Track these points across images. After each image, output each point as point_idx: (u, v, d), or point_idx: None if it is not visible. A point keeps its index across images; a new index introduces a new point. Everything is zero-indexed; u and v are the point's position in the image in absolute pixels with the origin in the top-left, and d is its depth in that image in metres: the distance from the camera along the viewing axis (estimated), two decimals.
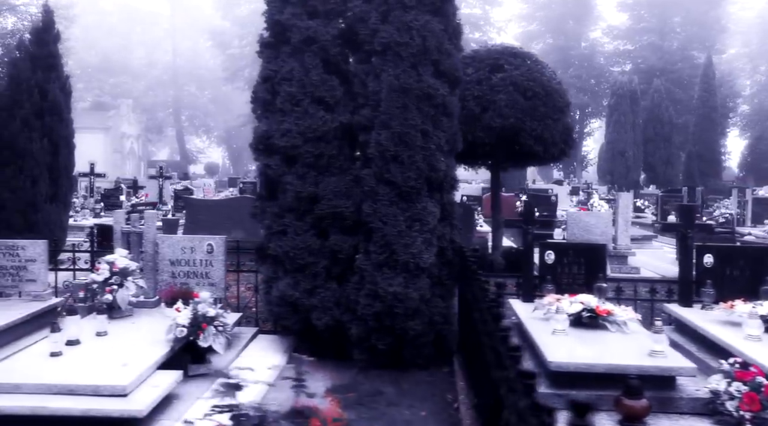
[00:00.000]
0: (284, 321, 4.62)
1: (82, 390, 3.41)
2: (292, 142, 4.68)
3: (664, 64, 35.22)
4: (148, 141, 47.18)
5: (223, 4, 39.97)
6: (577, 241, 7.45)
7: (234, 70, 38.13)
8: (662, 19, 37.54)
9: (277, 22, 4.83)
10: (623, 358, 3.30)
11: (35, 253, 4.99)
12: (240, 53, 37.96)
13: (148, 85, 47.12)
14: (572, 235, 7.47)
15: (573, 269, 4.67)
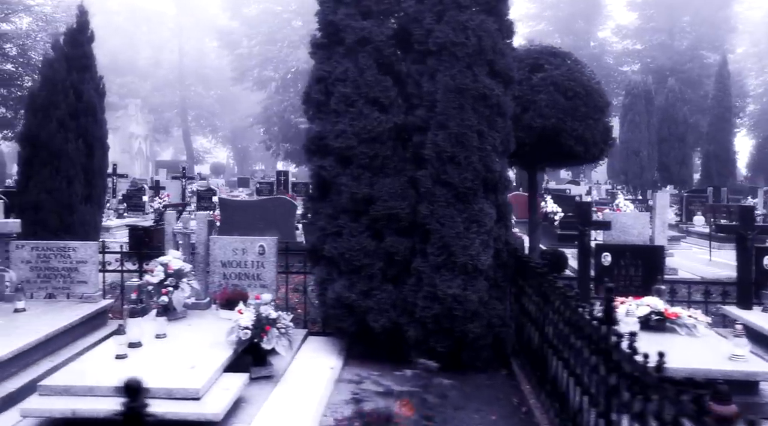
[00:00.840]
0: (340, 323, 4.59)
1: (155, 393, 3.38)
2: (347, 143, 4.66)
3: (673, 63, 35.08)
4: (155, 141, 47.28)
5: (232, 5, 39.94)
6: (613, 242, 7.41)
7: (243, 70, 38.09)
8: (672, 19, 37.43)
9: (330, 22, 4.81)
10: (705, 363, 3.27)
11: (86, 255, 4.98)
12: (249, 53, 37.96)
13: (155, 85, 47.18)
14: (609, 236, 7.41)
15: (630, 271, 4.64)
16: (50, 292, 5.00)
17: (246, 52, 38.23)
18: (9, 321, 4.39)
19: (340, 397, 3.96)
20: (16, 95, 21.58)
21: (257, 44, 37.47)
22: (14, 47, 20.64)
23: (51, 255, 4.98)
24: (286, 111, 36.20)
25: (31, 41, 20.16)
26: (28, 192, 7.24)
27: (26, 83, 21.04)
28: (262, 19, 38.77)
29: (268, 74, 38.62)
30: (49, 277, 5.00)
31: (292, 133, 37.36)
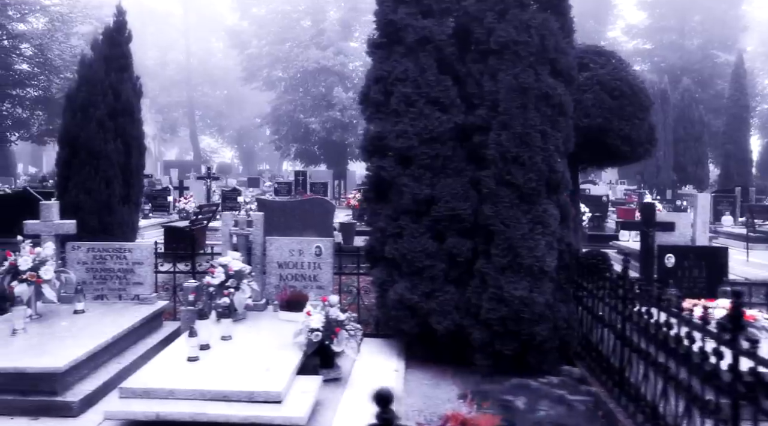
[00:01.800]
0: (402, 325, 4.55)
1: (236, 396, 3.36)
2: (408, 143, 4.62)
3: (684, 63, 34.95)
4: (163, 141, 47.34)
5: (241, 5, 39.96)
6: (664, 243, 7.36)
7: (252, 70, 38.08)
8: (682, 18, 37.31)
9: (390, 21, 4.76)
10: None
11: (142, 256, 4.95)
12: (258, 53, 37.94)
13: (162, 85, 47.23)
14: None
15: (693, 273, 4.58)
16: (105, 294, 4.98)
17: (256, 52, 38.22)
18: (72, 322, 4.36)
19: (414, 401, 3.91)
20: (32, 95, 21.64)
21: (267, 44, 37.45)
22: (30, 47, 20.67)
23: (107, 256, 4.95)
24: (296, 111, 36.20)
25: (47, 41, 20.16)
26: (68, 193, 7.22)
27: (41, 83, 21.10)
28: (271, 19, 38.76)
29: (277, 74, 38.64)
30: (104, 279, 4.97)
31: (301, 133, 37.40)
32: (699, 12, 37.38)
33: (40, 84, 20.92)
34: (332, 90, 34.76)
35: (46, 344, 3.88)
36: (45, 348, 3.81)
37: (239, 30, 39.53)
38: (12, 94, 21.58)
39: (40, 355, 3.68)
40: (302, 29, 38.23)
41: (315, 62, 33.75)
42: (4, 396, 3.46)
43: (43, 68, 20.38)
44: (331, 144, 36.14)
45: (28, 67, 21.28)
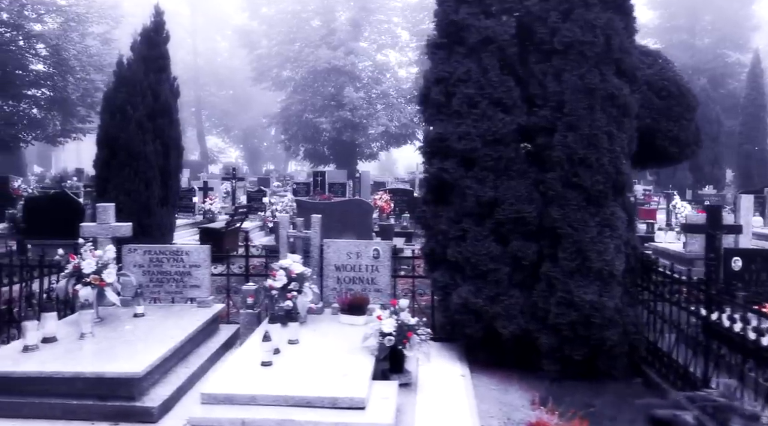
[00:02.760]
0: (466, 329, 4.50)
1: (319, 402, 3.31)
2: (471, 145, 4.57)
3: (696, 62, 34.74)
4: None
5: (251, 5, 39.95)
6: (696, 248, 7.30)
7: (262, 70, 38.06)
8: (693, 17, 37.14)
9: (451, 22, 4.71)
10: None
11: (199, 259, 4.90)
12: (268, 53, 37.91)
13: None
14: (693, 238, 7.29)
15: (761, 276, 4.52)
16: (158, 296, 4.94)
17: (265, 52, 38.19)
18: (135, 326, 4.32)
19: (489, 407, 3.86)
20: (47, 96, 21.64)
21: (276, 44, 37.41)
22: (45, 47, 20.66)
23: (164, 259, 4.92)
24: (306, 110, 36.16)
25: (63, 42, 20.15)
26: (107, 194, 7.20)
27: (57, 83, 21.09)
28: (280, 18, 38.72)
29: (286, 74, 38.60)
30: (161, 281, 4.93)
31: (310, 133, 37.36)
32: (710, 11, 37.18)
33: (55, 84, 20.91)
34: (342, 90, 34.73)
35: (117, 348, 3.84)
36: (116, 352, 3.77)
37: (249, 30, 39.50)
38: (28, 94, 21.61)
39: (113, 359, 3.64)
40: (312, 29, 38.19)
41: (326, 62, 33.70)
42: (84, 401, 3.43)
43: (59, 68, 20.37)
44: (340, 144, 36.11)
45: (43, 67, 21.29)
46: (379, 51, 40.22)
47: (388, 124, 35.13)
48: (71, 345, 3.88)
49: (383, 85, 37.01)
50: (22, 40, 20.67)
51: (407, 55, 41.32)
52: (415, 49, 40.23)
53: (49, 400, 3.43)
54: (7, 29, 20.66)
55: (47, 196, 8.18)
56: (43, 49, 20.70)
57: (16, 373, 3.45)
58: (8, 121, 20.41)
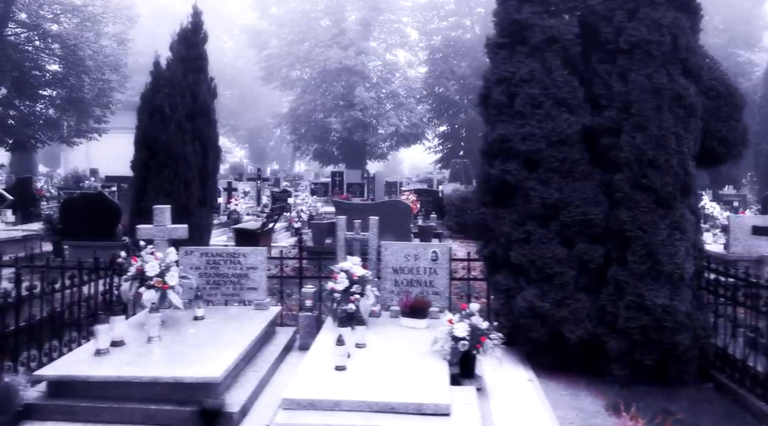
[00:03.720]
0: (531, 332, 4.44)
1: (403, 408, 3.26)
2: (535, 146, 4.51)
3: None
4: None
5: (260, 4, 39.93)
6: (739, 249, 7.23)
7: (271, 70, 38.05)
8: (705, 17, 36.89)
9: (514, 21, 4.65)
10: None
11: (257, 261, 4.86)
12: (278, 53, 37.89)
13: None
14: (736, 240, 7.22)
15: None
16: (213, 299, 4.90)
17: (275, 52, 38.18)
18: (199, 329, 4.27)
19: (564, 413, 3.80)
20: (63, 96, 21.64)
21: (286, 44, 37.40)
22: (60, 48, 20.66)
23: (221, 261, 4.87)
24: (317, 110, 36.14)
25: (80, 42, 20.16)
26: (147, 195, 7.18)
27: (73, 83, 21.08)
28: (290, 18, 38.70)
29: (296, 74, 38.59)
30: (218, 284, 4.89)
31: (320, 133, 37.34)
32: (721, 11, 36.98)
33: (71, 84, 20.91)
34: (353, 90, 34.68)
35: (187, 352, 3.80)
36: (188, 357, 3.72)
37: (259, 30, 39.49)
38: (43, 94, 21.64)
39: (188, 364, 3.59)
40: (322, 29, 38.16)
41: (337, 62, 33.65)
42: (163, 406, 3.38)
43: (75, 69, 20.38)
44: (350, 144, 36.07)
45: (58, 67, 21.30)
46: (389, 50, 40.19)
47: (398, 123, 35.09)
48: (141, 349, 3.84)
49: (393, 85, 36.97)
50: (39, 40, 20.71)
51: (417, 54, 41.28)
52: (424, 49, 40.24)
53: (128, 405, 3.39)
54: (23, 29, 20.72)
55: (84, 198, 8.15)
56: (58, 49, 20.70)
57: (94, 378, 3.41)
58: (25, 122, 20.45)
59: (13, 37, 20.68)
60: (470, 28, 39.85)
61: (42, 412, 3.36)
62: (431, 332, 4.50)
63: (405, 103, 36.27)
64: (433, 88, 37.13)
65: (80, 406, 3.38)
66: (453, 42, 38.24)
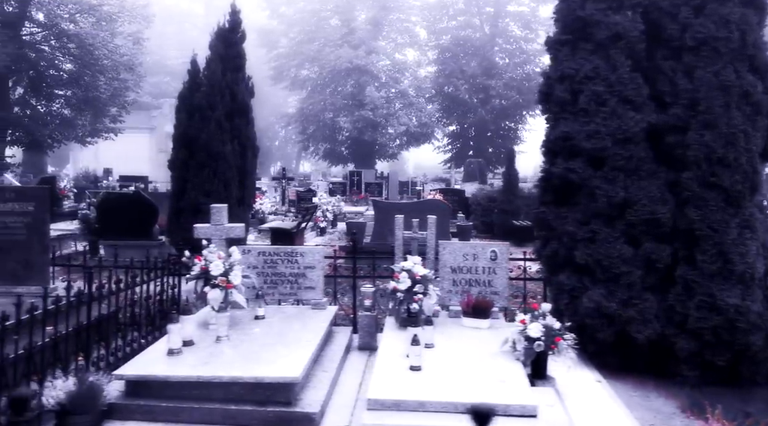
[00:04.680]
0: (599, 333, 4.38)
1: None
2: (600, 144, 4.46)
3: None
4: None
5: (270, 4, 39.92)
6: None
7: (281, 69, 38.03)
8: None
9: (578, 18, 4.60)
10: None
11: (314, 260, 4.82)
12: (288, 52, 37.87)
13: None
14: None
15: None
16: (276, 298, 4.86)
17: (285, 52, 38.16)
18: (263, 329, 4.24)
19: (642, 414, 3.74)
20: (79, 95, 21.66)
21: (296, 44, 37.39)
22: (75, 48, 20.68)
23: (278, 260, 4.84)
24: (327, 109, 36.13)
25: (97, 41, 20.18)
26: (186, 194, 7.15)
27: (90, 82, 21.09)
28: (300, 18, 38.69)
29: (305, 74, 38.57)
30: (275, 283, 4.86)
31: (329, 133, 37.33)
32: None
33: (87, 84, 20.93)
34: (363, 89, 34.64)
35: (260, 352, 3.76)
36: (262, 356, 3.68)
37: (269, 29, 39.47)
38: (59, 94, 21.68)
39: (263, 363, 3.55)
40: (332, 28, 38.17)
41: (348, 61, 33.62)
42: (243, 406, 3.35)
43: (91, 68, 20.41)
44: (359, 143, 36.04)
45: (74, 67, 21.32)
46: (398, 50, 40.13)
47: (408, 123, 35.03)
48: (212, 348, 3.81)
49: (402, 84, 36.92)
50: (54, 40, 20.75)
51: (426, 54, 41.21)
52: (433, 48, 40.18)
53: (208, 405, 3.36)
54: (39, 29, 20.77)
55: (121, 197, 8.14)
56: (74, 48, 20.72)
57: (174, 377, 3.38)
58: (42, 121, 20.49)
59: (29, 37, 20.74)
60: (480, 27, 39.77)
61: (122, 412, 3.34)
62: (494, 332, 4.47)
63: (415, 103, 36.21)
64: (442, 87, 37.08)
65: (160, 407, 3.35)
66: (462, 41, 38.19)
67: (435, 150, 39.64)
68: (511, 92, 36.53)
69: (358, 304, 4.90)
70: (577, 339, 3.92)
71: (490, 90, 36.19)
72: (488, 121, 36.92)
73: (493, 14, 39.13)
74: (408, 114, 35.55)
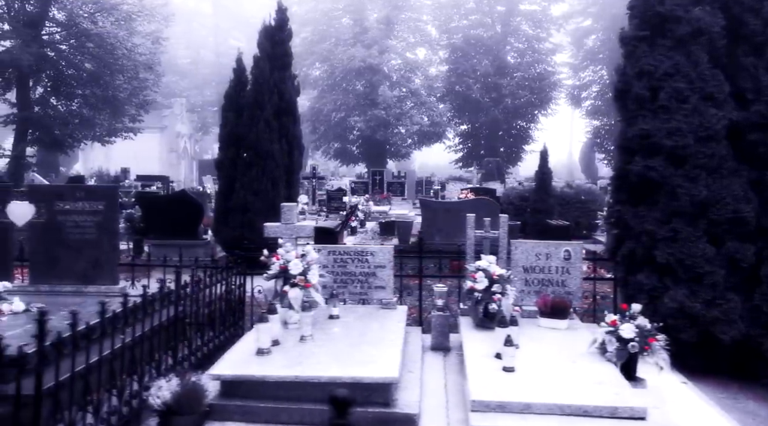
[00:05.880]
0: (681, 334, 4.31)
1: (597, 412, 3.16)
2: (682, 141, 4.39)
3: None
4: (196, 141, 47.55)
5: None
6: None
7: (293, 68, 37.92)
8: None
9: (656, 13, 4.53)
10: None
11: (384, 259, 4.76)
12: (298, 52, 37.75)
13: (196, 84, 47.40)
14: None
15: None
16: (346, 298, 4.82)
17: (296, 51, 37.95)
18: (341, 328, 4.19)
19: (740, 417, 3.68)
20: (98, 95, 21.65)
21: (308, 43, 37.35)
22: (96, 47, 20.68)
23: (348, 259, 4.78)
24: (339, 109, 36.07)
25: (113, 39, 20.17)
26: (235, 194, 7.12)
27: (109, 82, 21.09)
28: (311, 17, 38.66)
29: (316, 73, 38.52)
30: (345, 282, 4.80)
31: (340, 132, 37.27)
32: None
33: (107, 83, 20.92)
34: (376, 88, 34.55)
35: (350, 352, 3.69)
36: (353, 356, 3.62)
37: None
38: (79, 93, 21.69)
39: (357, 363, 3.49)
40: (343, 27, 38.11)
41: (361, 61, 33.55)
42: None
43: (111, 67, 20.40)
44: (370, 143, 35.97)
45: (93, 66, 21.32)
46: (409, 49, 40.04)
47: (421, 122, 34.94)
48: (299, 348, 3.76)
49: (414, 84, 36.82)
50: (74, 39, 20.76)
51: (437, 53, 41.09)
52: (445, 47, 40.06)
53: (307, 405, 3.31)
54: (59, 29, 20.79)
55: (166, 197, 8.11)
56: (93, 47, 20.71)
57: (271, 378, 3.33)
58: (62, 121, 20.51)
59: (47, 37, 20.76)
60: (491, 26, 39.64)
61: (221, 413, 3.29)
62: (573, 333, 4.42)
63: (427, 102, 36.10)
64: (453, 86, 36.98)
65: (259, 407, 3.30)
66: (473, 40, 38.07)
67: (446, 149, 39.54)
68: (524, 91, 36.42)
69: (429, 303, 4.84)
70: (668, 340, 3.86)
71: (502, 89, 36.07)
72: (500, 121, 36.80)
73: (505, 13, 38.98)
74: (420, 113, 35.45)
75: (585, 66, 40.36)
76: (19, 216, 4.64)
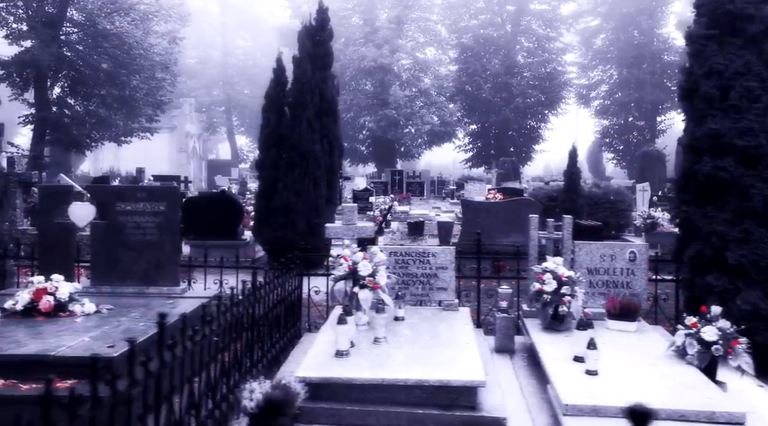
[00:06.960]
0: (755, 336, 4.24)
1: (694, 415, 3.11)
2: (755, 141, 4.33)
3: None
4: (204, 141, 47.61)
5: (292, 3, 39.96)
6: None
7: None
8: None
9: (726, 11, 4.47)
10: None
11: (446, 260, 4.72)
12: None
13: (203, 85, 47.45)
14: None
15: None
16: (409, 299, 4.78)
17: None
18: (411, 330, 4.15)
19: None
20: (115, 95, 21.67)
21: None
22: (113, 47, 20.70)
23: (410, 260, 4.74)
24: (351, 109, 36.02)
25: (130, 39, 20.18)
26: (278, 194, 7.08)
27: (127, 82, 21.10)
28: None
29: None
30: (406, 284, 4.76)
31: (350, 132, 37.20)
32: None
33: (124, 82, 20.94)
34: (387, 88, 34.52)
35: (429, 354, 3.65)
36: (432, 358, 3.58)
37: (291, 28, 39.42)
38: (96, 93, 21.72)
39: (437, 365, 3.45)
40: (354, 27, 38.08)
41: (372, 61, 33.52)
42: (428, 410, 3.25)
43: (128, 68, 20.44)
44: (380, 142, 35.92)
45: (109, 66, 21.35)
46: (419, 49, 39.97)
47: (431, 121, 34.87)
48: (376, 350, 3.72)
49: (424, 83, 36.75)
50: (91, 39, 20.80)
51: (447, 53, 41.00)
52: (455, 47, 39.96)
53: (393, 408, 3.27)
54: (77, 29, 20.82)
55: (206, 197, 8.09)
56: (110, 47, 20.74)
57: (358, 380, 3.29)
58: (80, 121, 20.55)
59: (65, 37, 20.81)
60: (501, 26, 39.53)
61: (308, 415, 3.25)
62: (643, 336, 4.37)
63: (437, 102, 36.02)
64: (464, 86, 36.90)
65: (345, 410, 3.27)
66: (483, 40, 37.98)
67: (456, 149, 39.46)
68: (534, 91, 36.31)
69: (492, 305, 4.80)
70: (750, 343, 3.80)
71: (512, 88, 35.97)
72: (510, 120, 36.69)
73: (515, 12, 38.87)
74: (430, 113, 35.37)
75: (594, 65, 40.23)
76: (80, 217, 4.63)
